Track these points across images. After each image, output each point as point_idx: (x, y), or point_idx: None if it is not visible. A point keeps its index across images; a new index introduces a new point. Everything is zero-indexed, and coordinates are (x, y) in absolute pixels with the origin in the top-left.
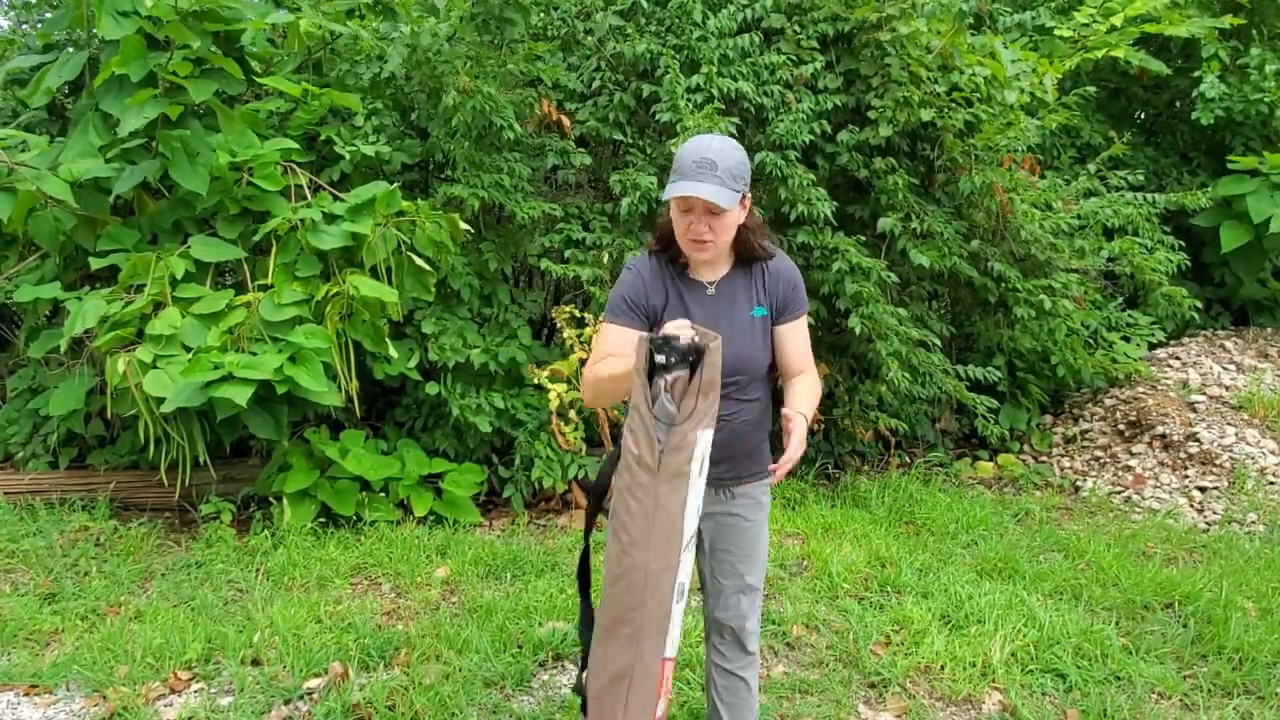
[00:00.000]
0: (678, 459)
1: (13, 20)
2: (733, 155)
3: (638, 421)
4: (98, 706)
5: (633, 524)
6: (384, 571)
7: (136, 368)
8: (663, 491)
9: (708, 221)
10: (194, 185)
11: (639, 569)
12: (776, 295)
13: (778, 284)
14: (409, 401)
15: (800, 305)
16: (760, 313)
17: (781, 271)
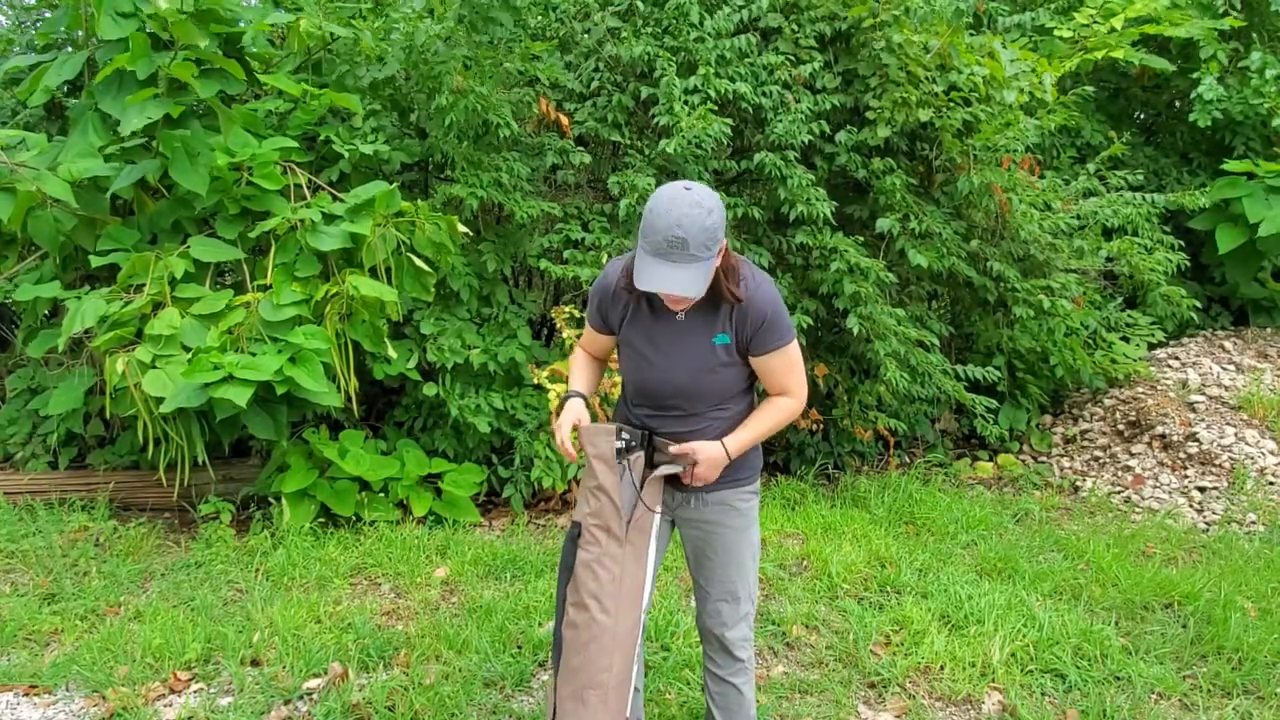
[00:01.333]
0: (641, 531)
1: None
2: (702, 222)
3: (605, 500)
4: (97, 707)
5: (603, 591)
6: (384, 572)
7: (136, 368)
8: (629, 558)
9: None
10: (194, 185)
11: (609, 631)
12: (744, 334)
13: (745, 322)
14: (408, 402)
15: (773, 341)
16: (723, 340)
17: (752, 309)
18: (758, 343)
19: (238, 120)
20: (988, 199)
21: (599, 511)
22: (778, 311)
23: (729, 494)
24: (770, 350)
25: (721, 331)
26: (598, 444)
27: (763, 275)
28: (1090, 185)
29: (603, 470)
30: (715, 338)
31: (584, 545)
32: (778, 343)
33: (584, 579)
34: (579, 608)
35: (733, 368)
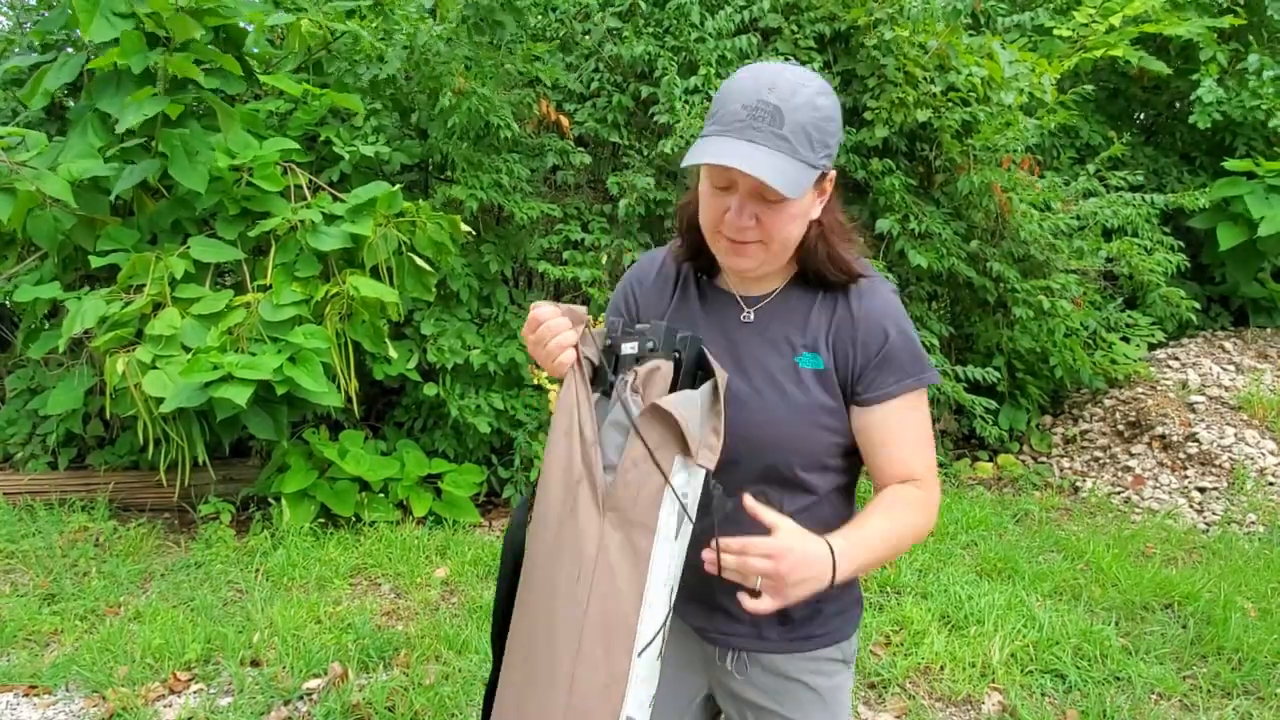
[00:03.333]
0: (638, 502)
1: (13, 20)
2: (811, 99)
3: (564, 444)
4: (97, 707)
5: (549, 618)
6: (383, 572)
7: (135, 368)
8: (608, 554)
9: (756, 211)
10: (193, 184)
11: (564, 682)
12: (851, 354)
13: (856, 334)
14: (408, 402)
15: (899, 377)
16: (813, 363)
17: (871, 315)
18: (872, 379)
19: (238, 119)
20: (987, 199)
21: (566, 461)
22: (905, 332)
23: (804, 662)
24: (892, 394)
25: (809, 350)
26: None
27: (884, 280)
28: (1090, 186)
29: (575, 395)
30: (799, 356)
31: (532, 530)
32: (906, 382)
33: (536, 578)
34: (518, 637)
35: (826, 415)
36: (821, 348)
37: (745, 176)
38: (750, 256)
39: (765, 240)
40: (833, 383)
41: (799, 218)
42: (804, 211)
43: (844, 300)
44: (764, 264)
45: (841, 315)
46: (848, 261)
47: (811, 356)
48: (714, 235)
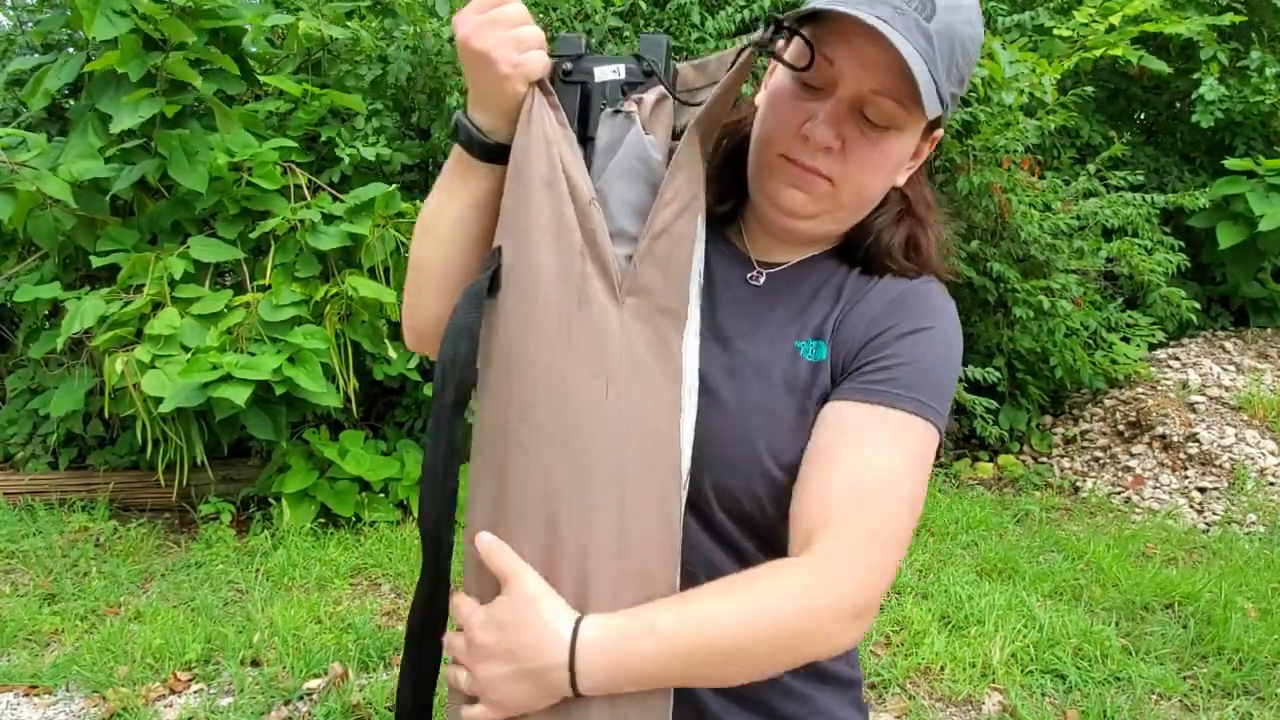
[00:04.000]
0: (669, 269)
1: (13, 20)
2: (970, 17)
3: (546, 201)
4: (97, 707)
5: (570, 450)
6: (384, 572)
7: (135, 368)
8: (635, 355)
9: (847, 133)
10: (193, 184)
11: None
12: (854, 334)
13: (869, 310)
14: (408, 402)
15: (888, 379)
16: (814, 353)
17: (899, 297)
18: (854, 367)
19: (237, 119)
20: (987, 199)
21: (556, 227)
22: (932, 338)
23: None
24: (862, 393)
25: (815, 336)
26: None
27: (945, 295)
28: (1090, 186)
29: (552, 131)
30: (802, 341)
31: (516, 320)
32: (894, 392)
33: (535, 398)
34: (514, 484)
35: (805, 415)
36: (828, 332)
37: (865, 71)
38: (808, 192)
39: (838, 179)
40: (827, 380)
41: (888, 168)
42: (897, 161)
43: (877, 280)
44: (818, 216)
45: (863, 290)
46: (927, 254)
47: (816, 344)
48: (773, 156)
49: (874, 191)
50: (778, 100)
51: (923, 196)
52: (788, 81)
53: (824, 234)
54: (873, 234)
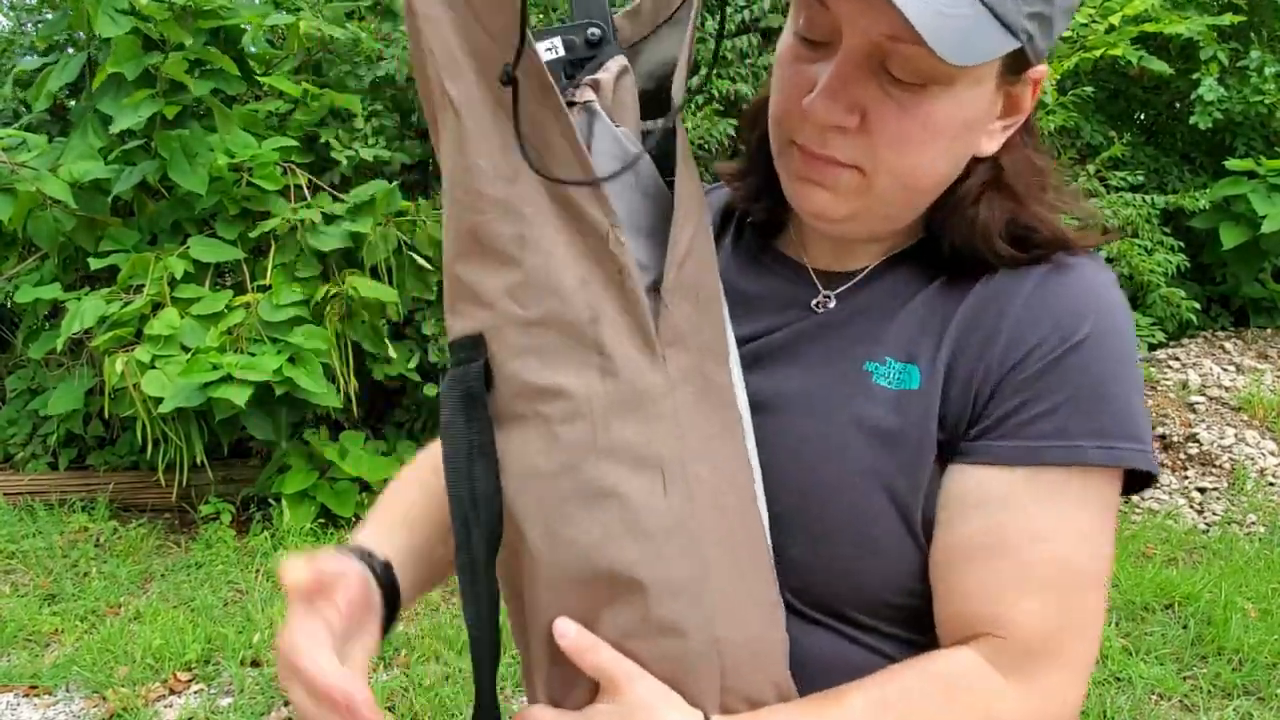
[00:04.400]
0: (698, 296)
1: (13, 20)
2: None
3: (559, 240)
4: (97, 707)
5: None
6: None
7: (135, 368)
8: (691, 425)
9: (866, 97)
10: (193, 185)
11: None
12: (983, 359)
13: (1002, 324)
14: (409, 403)
15: (1061, 424)
16: (897, 378)
17: (1048, 298)
18: (1003, 411)
19: (236, 120)
20: None
21: (545, 274)
22: (1114, 350)
23: None
24: (1027, 453)
25: (897, 358)
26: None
27: (1100, 262)
28: (1090, 186)
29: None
30: (874, 363)
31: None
32: (1075, 442)
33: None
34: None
35: (900, 475)
36: (923, 351)
37: (872, 10)
38: (830, 189)
39: (869, 166)
40: (930, 414)
41: (942, 138)
42: (960, 126)
43: (997, 279)
44: (856, 216)
45: (983, 298)
46: (1049, 235)
47: (902, 368)
48: (782, 139)
49: (929, 174)
50: (780, 64)
51: (1027, 163)
52: (790, 37)
53: (884, 232)
54: (955, 234)
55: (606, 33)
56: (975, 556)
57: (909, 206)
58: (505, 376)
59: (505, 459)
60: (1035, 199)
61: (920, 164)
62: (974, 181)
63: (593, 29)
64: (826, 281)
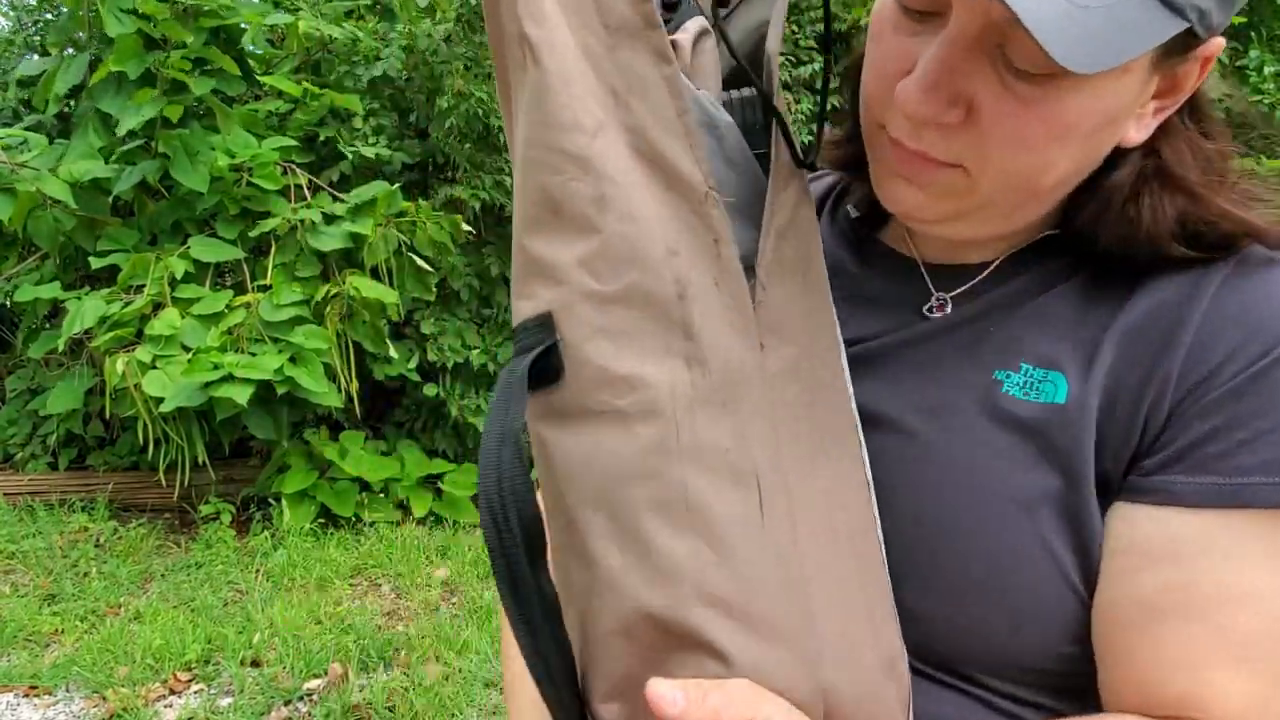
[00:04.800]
0: (805, 277)
1: (13, 21)
2: None
3: (651, 204)
4: (97, 707)
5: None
6: (384, 572)
7: (136, 368)
8: (795, 434)
9: (973, 85)
10: (194, 184)
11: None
12: (1159, 370)
13: (1182, 332)
14: (409, 402)
15: (1266, 457)
16: (1036, 388)
17: (1244, 304)
18: (1187, 438)
19: (236, 120)
20: None
21: (634, 251)
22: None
23: None
24: (1227, 493)
25: (1038, 363)
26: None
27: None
28: None
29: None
30: (1003, 371)
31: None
32: (1274, 474)
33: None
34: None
35: (1049, 512)
36: (1071, 361)
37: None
38: (924, 187)
39: (970, 163)
40: (1085, 436)
41: (1080, 132)
42: (1103, 117)
43: (1166, 278)
44: (961, 217)
45: (1153, 300)
46: (1227, 225)
47: (1040, 374)
48: (872, 122)
49: (1051, 175)
50: (876, 29)
51: (1194, 150)
52: (890, 6)
53: (999, 232)
54: (1110, 223)
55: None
56: (1160, 619)
57: (1026, 208)
58: (578, 362)
59: (574, 461)
60: (1214, 191)
61: (1039, 166)
62: (1125, 173)
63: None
64: (939, 280)
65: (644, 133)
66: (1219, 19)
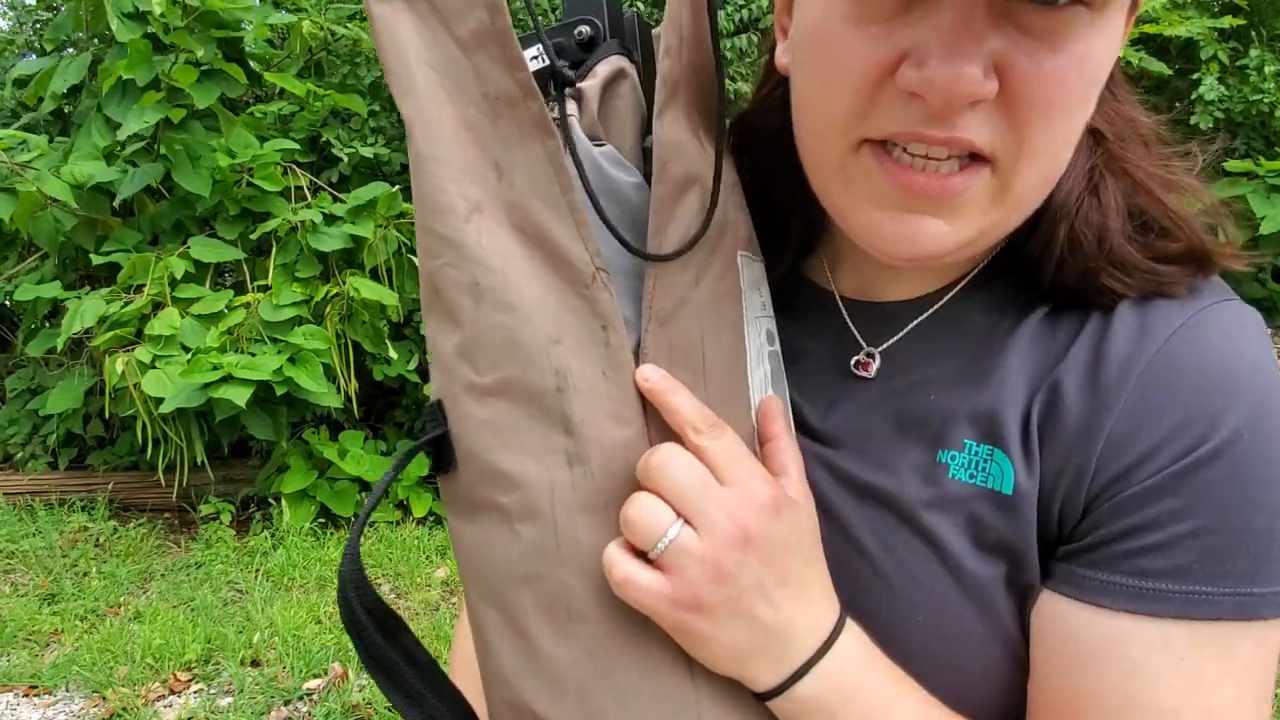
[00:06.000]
0: (702, 371)
1: (12, 21)
2: None
3: (534, 284)
4: (97, 707)
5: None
6: (383, 572)
7: (135, 368)
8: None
9: (998, 46)
10: (196, 187)
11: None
12: (1089, 441)
13: (1117, 395)
14: (408, 403)
15: (1191, 561)
16: (982, 469)
17: (1178, 364)
18: (1112, 524)
19: (238, 123)
20: None
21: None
22: (1251, 446)
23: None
24: (1146, 601)
25: (980, 439)
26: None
27: (1238, 303)
28: None
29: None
30: (949, 453)
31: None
32: (1201, 588)
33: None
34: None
35: (1006, 608)
36: (1012, 431)
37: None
38: (950, 211)
39: (1003, 153)
40: (1031, 528)
41: (1092, 88)
42: (1111, 59)
43: (1108, 322)
44: (983, 234)
45: (1090, 353)
46: (1186, 241)
47: (984, 452)
48: (844, 154)
49: (1071, 146)
50: (828, 38)
51: (1128, 120)
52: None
53: (988, 247)
54: (1058, 228)
55: (600, 31)
56: (1076, 710)
57: (1038, 201)
58: (466, 454)
59: (472, 552)
60: (1148, 173)
61: (1071, 134)
62: (1078, 162)
63: (582, 27)
64: (864, 324)
65: (526, 211)
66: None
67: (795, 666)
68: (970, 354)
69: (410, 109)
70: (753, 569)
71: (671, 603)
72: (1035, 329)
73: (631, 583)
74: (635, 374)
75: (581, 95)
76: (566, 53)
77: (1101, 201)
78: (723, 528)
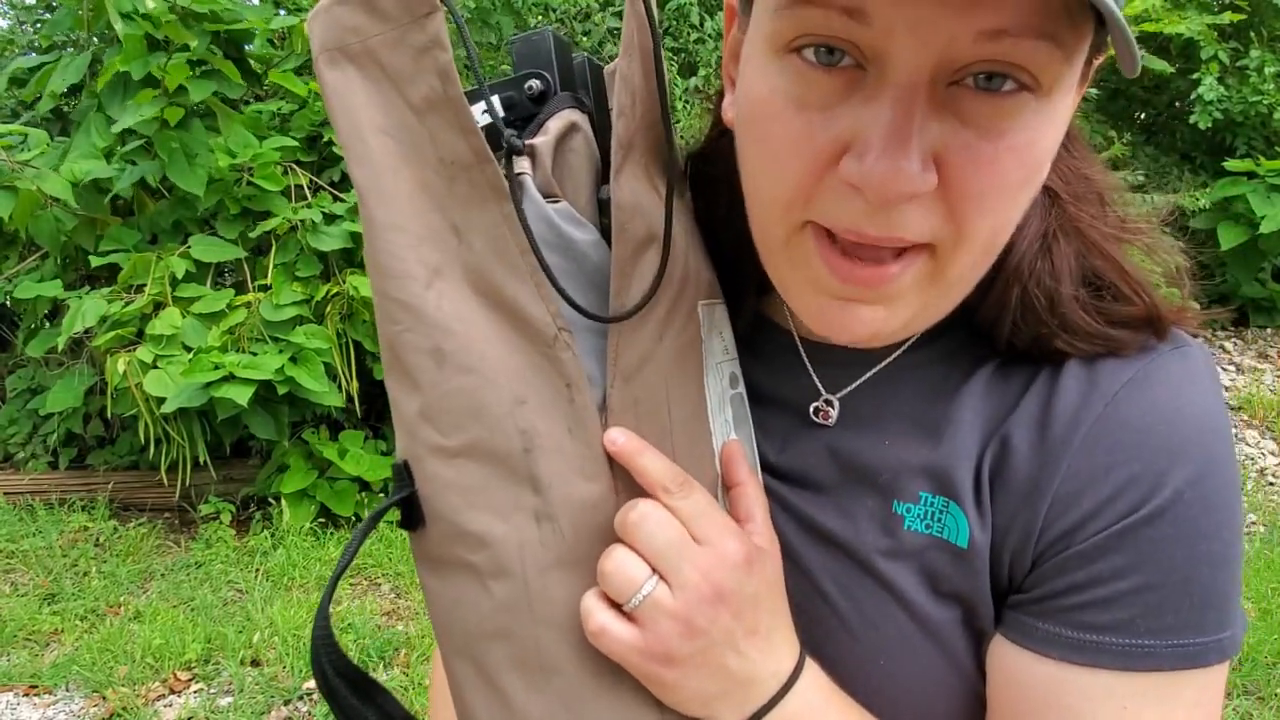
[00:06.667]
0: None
1: (12, 20)
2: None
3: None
4: (97, 707)
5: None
6: (383, 572)
7: (136, 368)
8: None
9: (940, 131)
10: (191, 186)
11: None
12: (1036, 499)
13: (1064, 454)
14: None
15: (1133, 615)
16: (936, 522)
17: (1126, 420)
18: (1059, 579)
19: (238, 121)
20: None
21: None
22: (1212, 503)
23: None
24: (1089, 652)
25: (935, 490)
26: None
27: (1193, 347)
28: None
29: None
30: (904, 505)
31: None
32: (1146, 642)
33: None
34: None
35: (967, 657)
36: (965, 486)
37: (942, 6)
38: (889, 299)
39: (941, 239)
40: (984, 579)
41: (1044, 166)
42: (1060, 133)
43: (1056, 372)
44: (921, 315)
45: (1040, 410)
46: (1139, 302)
47: (938, 504)
48: (790, 224)
49: (1013, 225)
50: (771, 117)
51: (1082, 178)
52: (776, 70)
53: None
54: (1013, 296)
55: (550, 84)
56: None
57: (981, 272)
58: (433, 513)
59: (444, 609)
60: (1102, 234)
61: (1012, 216)
62: (1030, 217)
63: (532, 81)
64: (821, 368)
65: (487, 274)
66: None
67: (758, 706)
68: (925, 402)
69: (363, 177)
70: (724, 624)
71: (643, 654)
72: (988, 380)
73: (606, 633)
74: (604, 437)
75: (535, 153)
76: (518, 107)
77: (1055, 265)
78: (696, 585)
